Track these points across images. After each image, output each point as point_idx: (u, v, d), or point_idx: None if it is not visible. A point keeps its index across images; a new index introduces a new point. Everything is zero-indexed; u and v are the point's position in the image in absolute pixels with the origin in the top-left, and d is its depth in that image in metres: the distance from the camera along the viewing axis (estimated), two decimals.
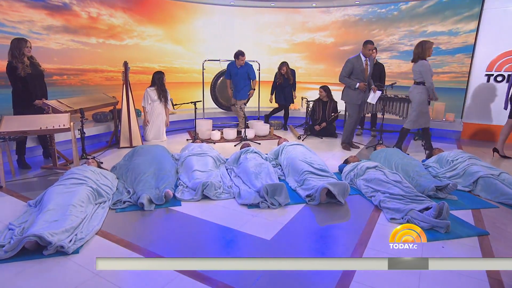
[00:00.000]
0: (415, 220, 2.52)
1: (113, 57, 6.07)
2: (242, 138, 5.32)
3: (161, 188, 2.98)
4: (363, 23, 7.17)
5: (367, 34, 7.09)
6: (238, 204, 2.90)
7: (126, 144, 4.86)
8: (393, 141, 5.33)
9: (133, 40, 6.42)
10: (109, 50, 6.05)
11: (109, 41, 6.03)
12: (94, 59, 5.86)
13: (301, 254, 2.17)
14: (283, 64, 6.14)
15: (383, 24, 6.99)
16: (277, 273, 1.89)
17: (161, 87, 5.24)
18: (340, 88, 5.15)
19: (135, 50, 6.46)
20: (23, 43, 3.63)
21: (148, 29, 6.60)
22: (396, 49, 6.98)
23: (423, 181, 3.21)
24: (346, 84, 4.87)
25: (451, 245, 2.25)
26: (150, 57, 6.72)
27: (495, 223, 2.58)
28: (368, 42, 4.63)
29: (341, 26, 7.39)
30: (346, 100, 4.97)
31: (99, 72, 6.00)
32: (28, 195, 3.06)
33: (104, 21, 5.88)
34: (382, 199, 2.87)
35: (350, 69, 4.75)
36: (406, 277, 1.87)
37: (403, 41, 6.87)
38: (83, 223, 2.40)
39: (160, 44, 6.86)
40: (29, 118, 3.44)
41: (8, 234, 2.27)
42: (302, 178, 3.27)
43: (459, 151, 3.77)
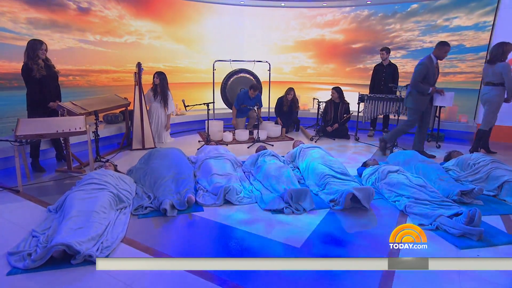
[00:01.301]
0: (444, 226, 2.47)
1: (119, 57, 5.99)
2: (255, 139, 5.27)
3: (182, 193, 2.93)
4: (378, 17, 7.00)
5: (381, 30, 6.96)
6: (261, 209, 2.84)
7: (138, 146, 4.81)
8: (406, 143, 5.30)
9: (145, 40, 6.35)
10: (113, 49, 5.90)
11: (113, 40, 5.90)
12: (98, 59, 5.71)
13: None
14: (291, 89, 6.08)
15: (400, 18, 6.78)
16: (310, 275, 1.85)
17: (161, 88, 5.10)
18: (352, 89, 5.10)
19: (142, 50, 6.38)
20: (38, 44, 3.57)
21: (156, 29, 6.52)
22: (412, 46, 6.81)
23: (446, 186, 3.16)
24: (419, 90, 4.37)
25: (486, 253, 2.19)
26: (157, 57, 6.64)
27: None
28: (444, 44, 4.29)
29: (352, 22, 7.27)
30: (414, 107, 4.49)
31: (104, 72, 5.89)
32: (46, 199, 3.01)
33: (108, 19, 5.77)
34: (408, 204, 2.82)
35: (425, 73, 4.32)
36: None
37: (422, 38, 6.66)
38: (107, 230, 2.35)
39: (166, 44, 6.76)
40: (45, 121, 3.38)
41: (33, 241, 2.22)
42: (324, 182, 3.21)
43: (480, 154, 3.71)
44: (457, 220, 2.47)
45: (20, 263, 1.99)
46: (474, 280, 1.88)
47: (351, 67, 7.51)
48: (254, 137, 5.38)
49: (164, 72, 5.17)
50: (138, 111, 4.77)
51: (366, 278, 1.90)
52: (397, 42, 6.88)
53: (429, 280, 1.90)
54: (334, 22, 7.36)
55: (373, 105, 5.52)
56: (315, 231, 2.47)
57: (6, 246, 2.18)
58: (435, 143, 5.32)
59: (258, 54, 7.23)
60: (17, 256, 2.05)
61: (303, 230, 2.47)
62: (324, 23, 7.41)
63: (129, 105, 4.98)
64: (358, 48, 7.34)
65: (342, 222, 2.65)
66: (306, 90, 7.83)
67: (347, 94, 5.98)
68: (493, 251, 2.21)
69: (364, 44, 7.23)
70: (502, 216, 2.76)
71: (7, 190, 3.17)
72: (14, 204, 2.92)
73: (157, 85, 5.08)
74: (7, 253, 2.09)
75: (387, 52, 5.71)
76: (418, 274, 1.92)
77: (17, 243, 2.21)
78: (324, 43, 7.58)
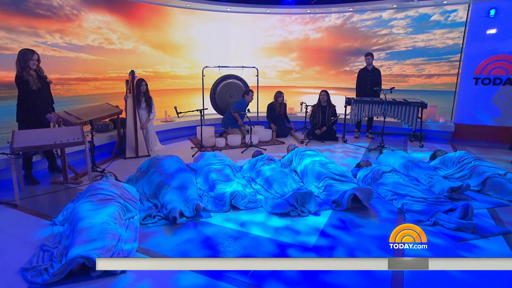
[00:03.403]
0: (441, 222, 2.66)
1: (103, 64, 5.90)
2: (248, 144, 5.35)
3: (188, 200, 2.96)
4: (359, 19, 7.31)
5: (367, 32, 7.27)
6: (267, 212, 2.93)
7: (132, 155, 4.76)
8: (393, 143, 5.57)
9: (128, 46, 6.27)
10: (98, 56, 5.80)
11: (100, 46, 5.83)
12: (76, 67, 5.46)
13: None
14: (280, 93, 6.28)
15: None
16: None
17: (146, 94, 5.05)
18: (336, 92, 5.24)
19: (127, 56, 6.30)
20: (30, 55, 3.46)
21: (141, 34, 6.47)
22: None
23: (436, 183, 3.38)
24: None
25: (482, 244, 2.39)
26: (142, 63, 6.56)
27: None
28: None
29: (336, 25, 7.51)
30: None
31: (86, 80, 5.68)
32: (46, 212, 2.95)
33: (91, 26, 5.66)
34: (405, 202, 3.00)
35: None
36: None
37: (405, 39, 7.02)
38: (120, 240, 2.35)
39: (150, 50, 6.70)
40: (41, 132, 3.30)
41: (46, 256, 2.19)
42: (324, 184, 3.35)
43: (463, 152, 3.98)
44: (452, 215, 2.67)
45: (38, 278, 1.96)
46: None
47: (336, 70, 7.77)
48: (246, 142, 5.46)
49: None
50: (131, 119, 4.73)
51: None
52: (381, 44, 7.20)
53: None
54: (317, 26, 7.59)
55: (360, 108, 5.75)
56: (322, 232, 2.58)
57: (16, 262, 2.14)
58: (419, 143, 5.62)
59: (245, 59, 7.34)
60: (33, 271, 2.02)
61: (311, 231, 2.58)
62: (309, 27, 7.64)
63: (121, 113, 4.92)
64: (342, 51, 7.61)
65: (346, 222, 2.78)
66: (292, 94, 8.00)
67: (332, 97, 6.20)
68: (485, 243, 2.41)
69: (349, 46, 7.50)
70: (488, 209, 3.00)
71: (4, 204, 3.07)
72: (14, 218, 2.84)
73: (143, 92, 5.05)
74: (21, 269, 2.05)
75: (372, 57, 5.99)
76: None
77: (28, 258, 2.18)
78: (308, 47, 7.79)
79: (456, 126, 6.18)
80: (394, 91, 5.20)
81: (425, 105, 5.45)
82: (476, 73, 5.99)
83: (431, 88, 6.79)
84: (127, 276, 2.01)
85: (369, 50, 6.61)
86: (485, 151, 5.21)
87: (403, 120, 5.53)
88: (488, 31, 5.81)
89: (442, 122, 6.26)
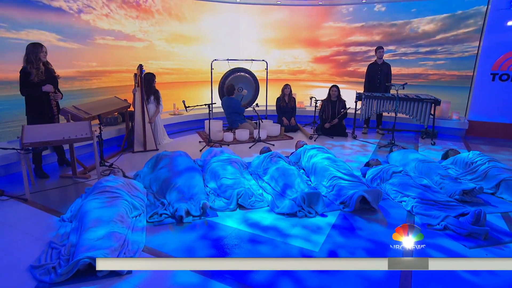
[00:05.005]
0: (452, 226, 2.60)
1: (115, 57, 5.88)
2: (256, 139, 5.31)
3: (195, 198, 2.95)
4: (378, 14, 7.09)
5: (384, 28, 7.09)
6: (274, 212, 2.91)
7: (140, 149, 4.77)
8: (404, 140, 5.46)
9: (136, 40, 6.24)
10: (107, 49, 5.78)
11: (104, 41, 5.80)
12: (83, 58, 5.40)
13: None
14: (287, 85, 6.24)
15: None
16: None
17: (154, 89, 5.07)
18: (348, 86, 5.17)
19: (133, 50, 6.27)
20: (39, 48, 3.49)
21: (149, 27, 6.42)
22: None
23: (447, 185, 3.30)
24: None
25: (494, 251, 2.33)
26: (151, 55, 6.53)
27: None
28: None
29: (350, 19, 7.34)
30: None
31: (101, 74, 5.74)
32: (55, 207, 2.99)
33: (103, 19, 5.65)
34: (415, 205, 2.93)
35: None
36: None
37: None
38: (127, 239, 2.36)
39: (160, 43, 6.67)
40: (50, 128, 3.32)
41: (54, 253, 2.22)
42: (332, 183, 3.30)
43: (477, 153, 3.87)
44: (463, 220, 2.60)
45: (45, 276, 1.99)
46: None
47: (346, 64, 7.62)
48: (254, 137, 5.42)
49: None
50: (140, 113, 4.73)
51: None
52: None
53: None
54: (329, 18, 7.42)
55: (370, 103, 5.63)
56: (329, 234, 2.55)
57: (26, 258, 2.18)
58: (430, 140, 5.49)
59: (254, 52, 7.23)
60: (41, 269, 2.05)
61: (318, 233, 2.55)
62: (320, 20, 7.47)
63: (129, 107, 4.93)
64: (355, 44, 7.43)
65: (353, 223, 2.74)
66: (302, 88, 7.89)
67: (343, 92, 6.07)
68: (499, 249, 2.34)
69: (359, 39, 7.32)
70: (502, 214, 2.91)
71: (15, 198, 3.12)
72: (24, 213, 2.88)
73: (153, 86, 5.05)
74: (30, 266, 2.09)
75: (383, 51, 5.82)
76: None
77: (37, 255, 2.21)
78: (319, 40, 7.63)
79: (470, 123, 6.00)
80: (407, 87, 5.05)
81: (438, 102, 5.29)
82: (494, 69, 5.78)
83: (446, 84, 6.59)
84: (133, 277, 2.02)
85: (380, 44, 6.42)
86: (500, 150, 5.06)
87: (414, 116, 5.39)
88: (509, 22, 5.57)
89: (456, 119, 6.10)
